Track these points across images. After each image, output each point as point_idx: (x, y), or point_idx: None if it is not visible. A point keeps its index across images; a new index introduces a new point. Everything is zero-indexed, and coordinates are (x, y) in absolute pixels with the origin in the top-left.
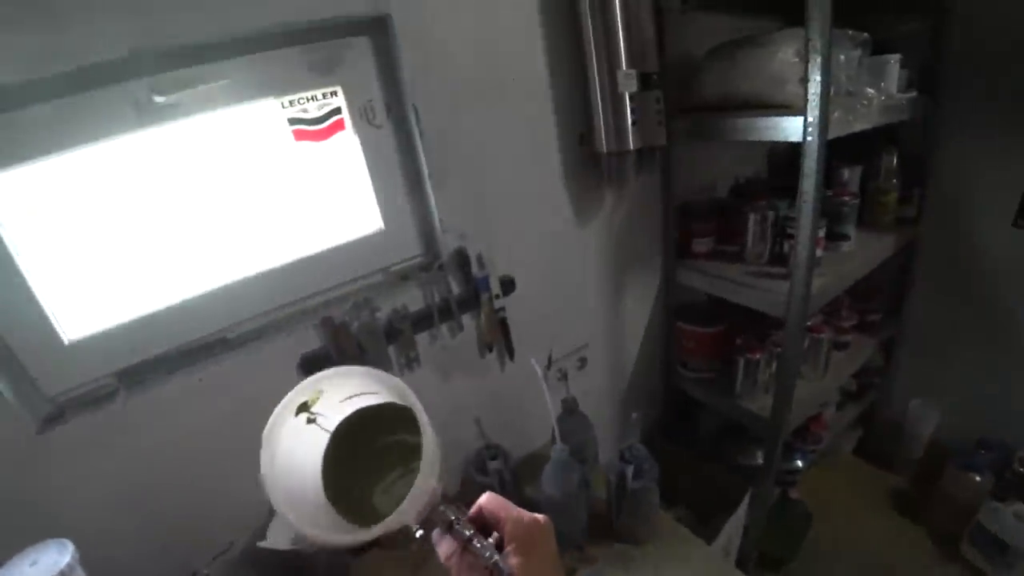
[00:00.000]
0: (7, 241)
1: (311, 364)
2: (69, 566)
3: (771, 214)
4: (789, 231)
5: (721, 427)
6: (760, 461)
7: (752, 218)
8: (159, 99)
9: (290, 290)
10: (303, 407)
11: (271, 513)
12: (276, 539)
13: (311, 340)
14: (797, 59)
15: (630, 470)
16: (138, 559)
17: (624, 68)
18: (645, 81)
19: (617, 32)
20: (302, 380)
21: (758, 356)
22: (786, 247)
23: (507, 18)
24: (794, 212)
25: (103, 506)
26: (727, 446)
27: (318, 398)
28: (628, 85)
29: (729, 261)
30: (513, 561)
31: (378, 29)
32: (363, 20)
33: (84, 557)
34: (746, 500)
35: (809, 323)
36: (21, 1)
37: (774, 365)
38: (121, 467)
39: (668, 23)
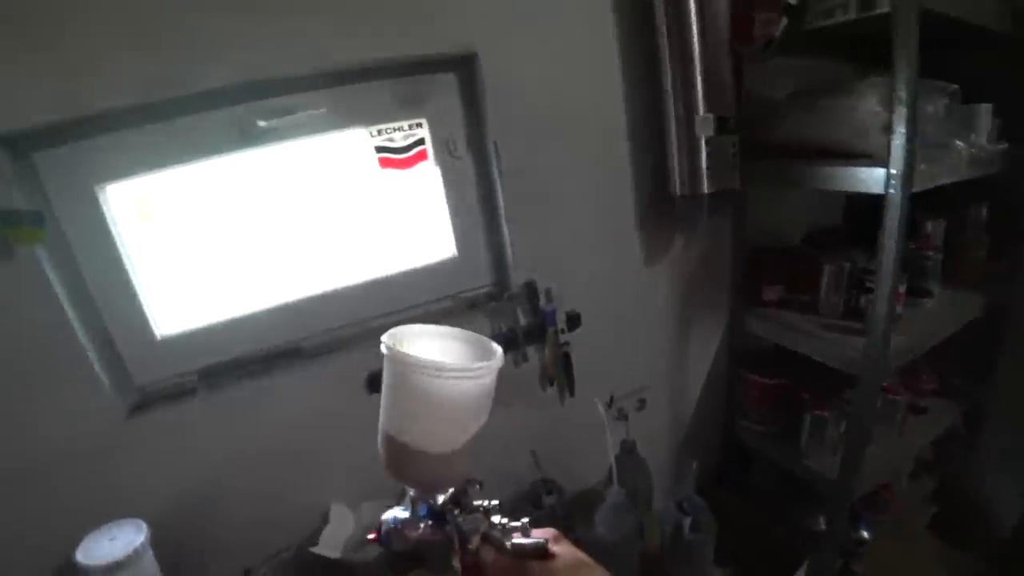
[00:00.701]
0: (121, 243)
1: (378, 383)
2: (143, 545)
3: (847, 265)
4: (867, 284)
5: (781, 484)
6: (823, 526)
7: (827, 269)
8: (261, 124)
9: (364, 308)
10: None
11: (324, 520)
12: (327, 547)
13: (379, 359)
14: (881, 108)
15: (687, 522)
16: (199, 548)
17: (701, 112)
18: (722, 125)
19: (695, 76)
20: (368, 396)
21: (827, 413)
22: (863, 301)
23: (587, 61)
24: (873, 264)
25: (173, 494)
26: (787, 505)
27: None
28: (705, 129)
29: (801, 311)
30: None
31: (464, 67)
32: (451, 59)
33: (153, 539)
34: (804, 568)
35: (885, 383)
36: (145, 33)
37: (843, 424)
38: (193, 460)
39: (746, 67)
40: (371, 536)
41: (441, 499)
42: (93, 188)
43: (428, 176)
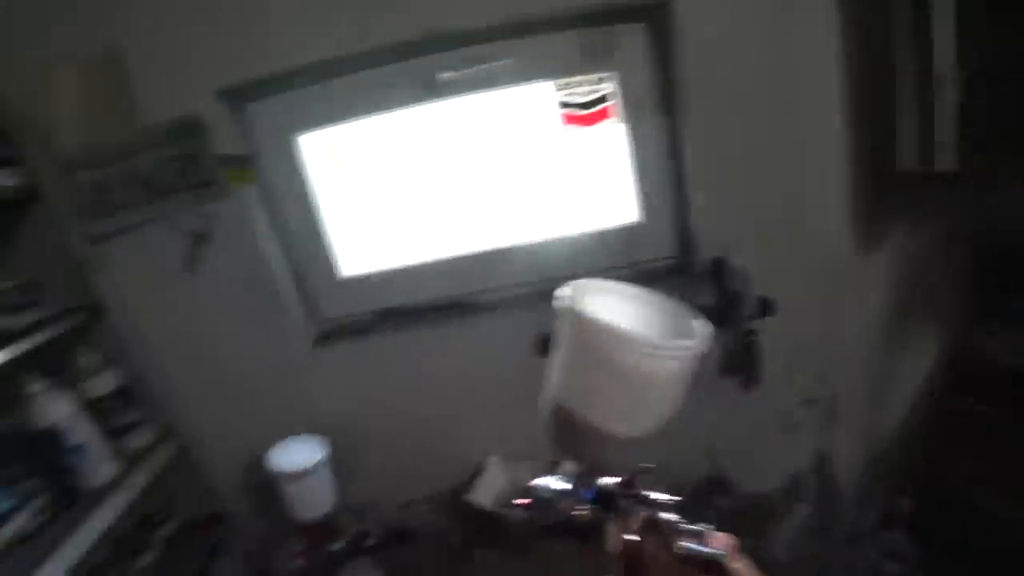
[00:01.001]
0: (314, 187)
1: (547, 345)
2: (321, 461)
3: None
4: None
5: (986, 540)
6: None
7: None
8: (445, 76)
9: (540, 268)
10: None
11: (478, 471)
12: (481, 498)
13: (550, 322)
14: None
15: (895, 570)
16: (366, 473)
17: (950, 62)
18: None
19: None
20: (533, 359)
21: None
22: None
23: (800, 12)
24: None
25: (351, 419)
26: (990, 567)
27: None
28: (946, 91)
29: None
30: None
31: (656, 17)
32: (642, 6)
33: (332, 458)
34: None
35: None
36: None
37: None
38: (365, 392)
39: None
40: (522, 502)
41: (608, 480)
42: (292, 136)
43: (613, 134)
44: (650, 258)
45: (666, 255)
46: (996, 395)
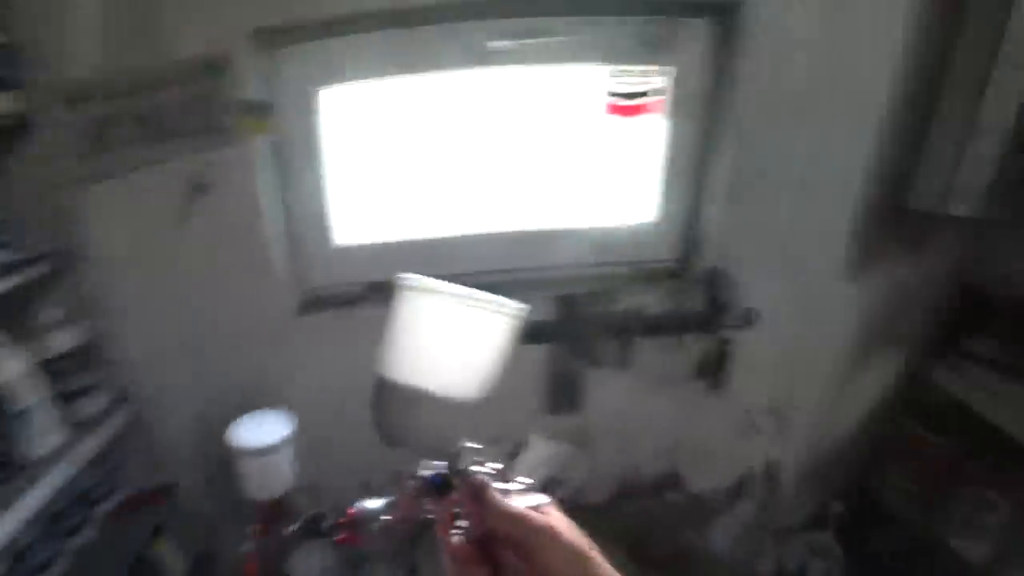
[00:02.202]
0: (323, 148)
1: (534, 334)
2: (287, 438)
3: None
4: None
5: (907, 554)
6: None
7: None
8: (495, 44)
9: (538, 255)
10: None
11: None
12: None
13: (540, 310)
14: None
15: (819, 567)
16: (332, 451)
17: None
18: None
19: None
20: (524, 347)
21: (994, 495)
22: None
23: (866, 29)
24: None
25: (324, 394)
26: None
27: None
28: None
29: (1014, 376)
30: None
31: (726, 14)
32: (715, 1)
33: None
34: None
35: None
36: None
37: (1011, 513)
38: (344, 366)
39: None
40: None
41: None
42: (316, 89)
43: (650, 130)
44: (651, 259)
45: (666, 258)
46: (935, 423)
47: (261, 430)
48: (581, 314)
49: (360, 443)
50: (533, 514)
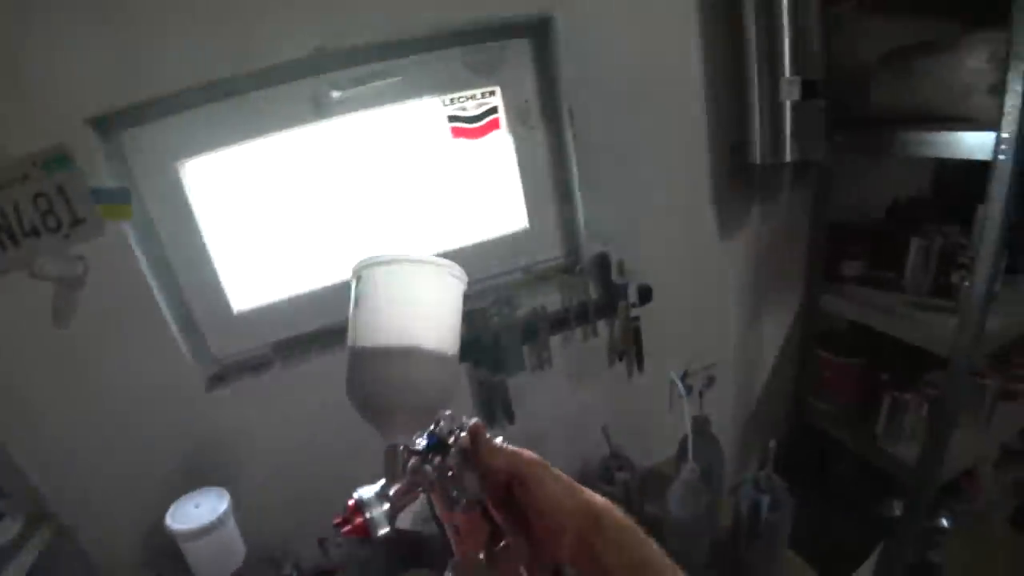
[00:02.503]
0: (198, 219)
1: (466, 353)
2: (226, 512)
3: (939, 239)
4: (961, 260)
5: (854, 470)
6: (898, 513)
7: (915, 243)
8: (335, 94)
9: None
10: None
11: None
12: (399, 520)
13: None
14: (989, 66)
15: (766, 500)
16: (278, 515)
17: (787, 75)
18: (809, 89)
19: (782, 35)
20: None
21: (907, 396)
22: (954, 277)
23: (665, 23)
24: (967, 239)
25: (253, 463)
26: (860, 492)
27: None
28: (790, 93)
29: (883, 289)
30: None
31: (540, 31)
32: (526, 22)
33: (235, 505)
34: (876, 554)
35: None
36: (215, 6)
37: (926, 408)
38: (269, 431)
39: (838, 26)
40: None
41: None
42: (173, 164)
43: (500, 146)
44: (541, 260)
45: (554, 256)
46: (840, 346)
47: (199, 510)
48: (489, 325)
49: (305, 500)
50: (526, 451)
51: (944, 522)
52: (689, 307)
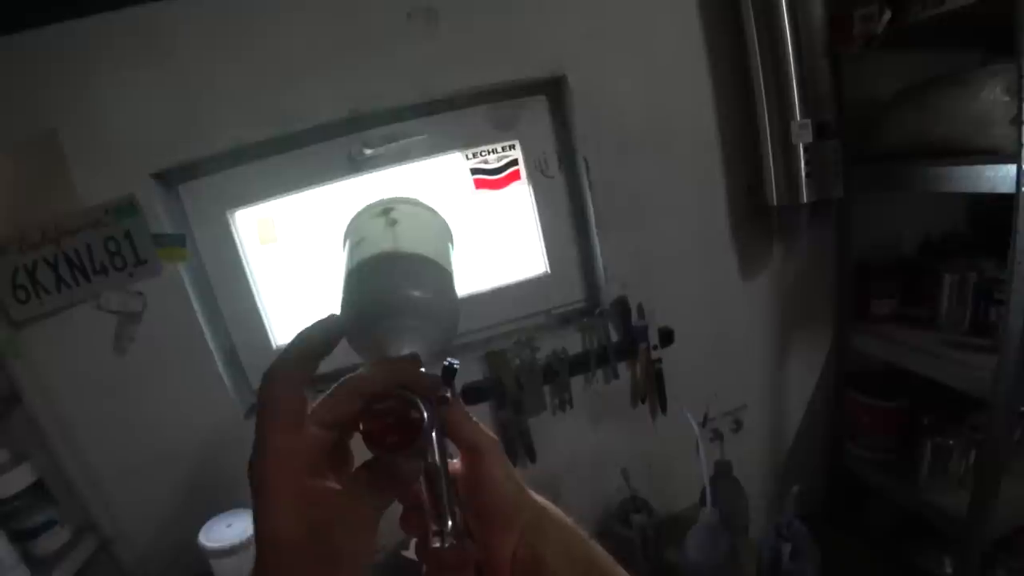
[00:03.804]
0: (246, 262)
1: (472, 394)
2: None
3: (973, 275)
4: (998, 296)
5: (897, 520)
6: (948, 570)
7: (948, 279)
8: (367, 151)
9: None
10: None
11: None
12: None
13: (474, 372)
14: (1008, 97)
15: (787, 548)
16: None
17: (798, 119)
18: (821, 130)
19: (790, 81)
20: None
21: (951, 441)
22: (992, 314)
23: (675, 74)
24: (1004, 274)
25: None
26: (904, 544)
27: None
28: (802, 136)
29: (918, 327)
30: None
31: (554, 89)
32: (542, 82)
33: None
34: None
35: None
36: (268, 73)
37: (972, 455)
38: None
39: (847, 66)
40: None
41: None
42: (224, 214)
43: (521, 195)
44: (561, 304)
45: (575, 300)
46: (873, 387)
47: (231, 529)
48: (511, 367)
49: None
50: (487, 429)
51: None
52: (713, 349)
